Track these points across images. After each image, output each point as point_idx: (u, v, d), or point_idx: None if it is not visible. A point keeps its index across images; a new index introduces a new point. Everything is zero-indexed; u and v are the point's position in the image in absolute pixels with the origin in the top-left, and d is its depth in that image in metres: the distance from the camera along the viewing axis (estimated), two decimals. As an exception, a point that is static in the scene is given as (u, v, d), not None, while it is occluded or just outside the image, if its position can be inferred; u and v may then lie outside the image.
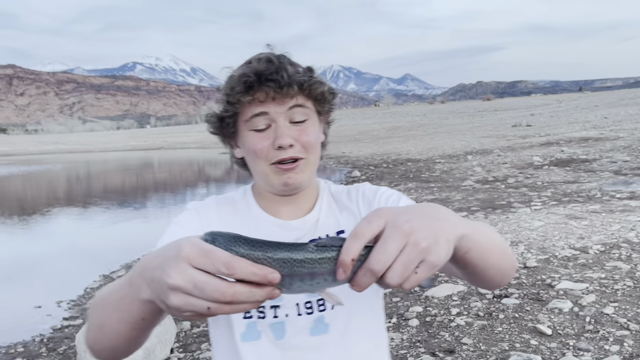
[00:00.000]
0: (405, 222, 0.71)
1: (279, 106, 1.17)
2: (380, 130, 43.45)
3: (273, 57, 1.17)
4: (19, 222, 11.99)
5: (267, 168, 1.20)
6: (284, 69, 1.15)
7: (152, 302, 0.75)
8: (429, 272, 0.71)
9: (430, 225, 0.73)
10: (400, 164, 17.52)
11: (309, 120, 1.21)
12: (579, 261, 4.84)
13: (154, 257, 0.75)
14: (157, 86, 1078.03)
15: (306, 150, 1.20)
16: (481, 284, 0.99)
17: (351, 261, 0.70)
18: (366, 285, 0.71)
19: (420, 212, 0.75)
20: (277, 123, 1.17)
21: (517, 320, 3.74)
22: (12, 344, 4.76)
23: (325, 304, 1.21)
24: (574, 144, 16.30)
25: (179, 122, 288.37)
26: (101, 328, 0.89)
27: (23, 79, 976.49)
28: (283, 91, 1.14)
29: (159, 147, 54.24)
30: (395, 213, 0.74)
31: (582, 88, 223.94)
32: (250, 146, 1.20)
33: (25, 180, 24.79)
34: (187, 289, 0.67)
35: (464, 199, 9.02)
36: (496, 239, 0.94)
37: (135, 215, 12.36)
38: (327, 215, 1.31)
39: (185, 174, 24.56)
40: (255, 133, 1.19)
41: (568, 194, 8.35)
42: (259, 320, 1.20)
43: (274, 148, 1.17)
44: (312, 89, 1.19)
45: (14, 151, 62.97)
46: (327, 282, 0.72)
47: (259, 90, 1.15)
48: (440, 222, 0.75)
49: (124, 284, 0.83)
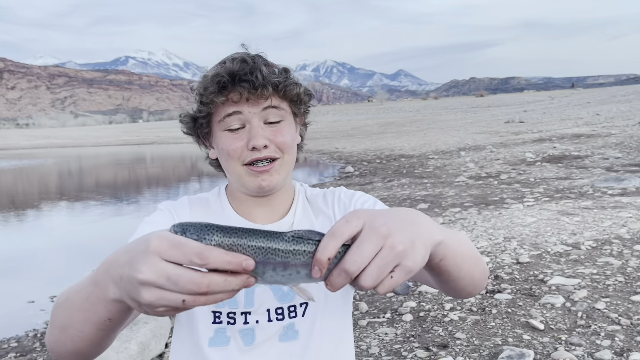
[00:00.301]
0: (383, 225, 0.71)
1: (253, 107, 1.15)
2: (373, 126, 43.48)
3: (248, 57, 1.16)
4: (11, 216, 11.91)
5: (241, 169, 1.18)
6: (259, 69, 1.13)
7: (120, 301, 0.73)
8: (404, 276, 0.71)
9: (407, 229, 0.72)
10: (394, 159, 17.56)
11: (284, 122, 1.20)
12: (571, 257, 4.89)
13: (121, 254, 0.73)
14: (150, 80, 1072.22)
15: (281, 151, 1.19)
16: (452, 292, 0.98)
17: (327, 260, 0.68)
18: (340, 286, 0.70)
19: (399, 216, 0.75)
20: (251, 123, 1.16)
21: (509, 315, 3.77)
22: (5, 339, 4.75)
23: (297, 310, 1.21)
24: (566, 140, 16.40)
25: (172, 117, 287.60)
26: (64, 330, 0.86)
27: (14, 72, 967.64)
28: (257, 92, 1.13)
29: (152, 141, 54.00)
30: (374, 215, 0.73)
31: (575, 85, 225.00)
32: (223, 146, 1.18)
33: (16, 174, 24.61)
34: (159, 283, 0.65)
35: (457, 195, 9.06)
36: (470, 249, 0.94)
37: (128, 210, 12.32)
38: (301, 218, 1.29)
39: (178, 169, 24.48)
40: (228, 133, 1.17)
41: (560, 190, 8.41)
42: (228, 326, 1.18)
43: (248, 149, 1.16)
44: (287, 90, 1.17)
45: (5, 145, 62.45)
46: (300, 275, 0.70)
47: (233, 90, 1.13)
48: (418, 227, 0.75)
49: (88, 283, 0.80)
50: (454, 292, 0.98)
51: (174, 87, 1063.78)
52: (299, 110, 1.25)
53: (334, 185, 12.72)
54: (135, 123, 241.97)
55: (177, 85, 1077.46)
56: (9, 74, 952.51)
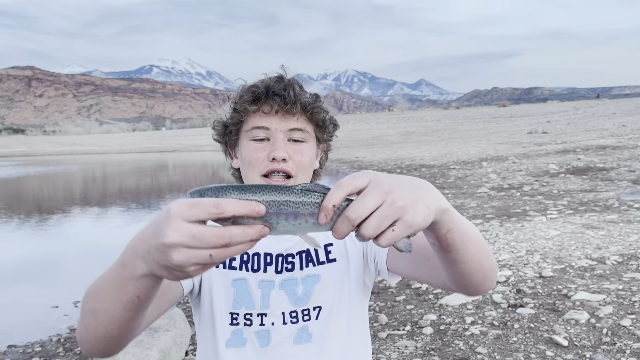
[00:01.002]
0: (387, 183, 0.76)
1: (280, 122, 1.24)
2: (394, 135, 43.36)
3: (284, 77, 1.27)
4: (37, 222, 12.16)
5: (259, 180, 1.25)
6: (292, 87, 1.24)
7: (149, 275, 0.79)
8: (405, 231, 0.76)
9: (411, 190, 0.78)
10: (414, 169, 17.46)
11: (306, 143, 1.28)
12: (596, 272, 4.79)
13: (145, 231, 0.79)
14: (173, 89, 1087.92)
15: (297, 169, 1.25)
16: (460, 278, 0.98)
17: (332, 207, 0.75)
18: (344, 233, 0.76)
19: (405, 179, 0.81)
20: (276, 137, 1.24)
21: (532, 330, 3.71)
22: (29, 343, 4.83)
23: (310, 314, 1.25)
24: (591, 152, 16.12)
25: (194, 125, 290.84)
26: (94, 314, 0.91)
27: (42, 80, 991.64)
28: (287, 107, 1.22)
29: (174, 149, 54.68)
30: (380, 175, 0.78)
31: (600, 95, 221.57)
32: (246, 155, 1.26)
33: (42, 180, 25.14)
34: (185, 242, 0.70)
35: (478, 206, 8.97)
36: (478, 234, 0.97)
37: (150, 216, 12.46)
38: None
39: (199, 176, 24.72)
40: (253, 143, 1.26)
41: (585, 203, 8.26)
42: (245, 328, 1.24)
43: (268, 159, 1.23)
44: (314, 112, 1.26)
45: (32, 152, 63.89)
46: (309, 224, 0.77)
47: (265, 102, 1.23)
48: (423, 191, 0.80)
49: (115, 267, 0.86)
50: (463, 277, 0.98)
51: (197, 96, 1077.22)
52: (323, 135, 1.33)
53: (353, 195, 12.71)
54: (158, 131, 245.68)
55: (199, 94, 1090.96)
56: (37, 82, 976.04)
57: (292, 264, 1.28)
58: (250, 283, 1.25)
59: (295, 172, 1.25)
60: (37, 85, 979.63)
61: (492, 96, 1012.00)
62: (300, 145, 1.27)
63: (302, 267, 1.28)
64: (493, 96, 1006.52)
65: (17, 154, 60.67)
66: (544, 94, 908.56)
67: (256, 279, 1.26)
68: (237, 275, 1.26)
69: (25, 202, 16.99)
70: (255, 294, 1.25)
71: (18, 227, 11.54)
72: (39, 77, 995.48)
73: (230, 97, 1.30)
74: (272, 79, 1.25)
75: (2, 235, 10.73)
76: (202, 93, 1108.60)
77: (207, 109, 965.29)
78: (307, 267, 1.28)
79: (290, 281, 1.27)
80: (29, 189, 21.39)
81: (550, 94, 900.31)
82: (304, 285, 1.26)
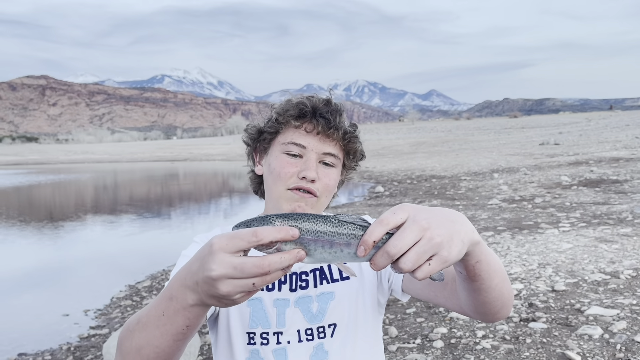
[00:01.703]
0: (425, 219, 0.80)
1: (318, 144, 1.27)
2: (404, 146, 43.30)
3: (332, 101, 1.30)
4: (49, 230, 12.26)
5: (284, 192, 1.27)
6: (339, 113, 1.28)
7: (198, 305, 0.85)
8: (440, 265, 0.80)
9: (447, 225, 0.82)
10: (425, 180, 17.41)
11: (335, 168, 1.31)
12: (609, 286, 4.73)
13: (191, 265, 0.84)
14: (185, 98, 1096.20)
15: (323, 191, 1.28)
16: (482, 306, 1.03)
17: (372, 242, 0.79)
18: (382, 265, 0.80)
19: (441, 214, 0.84)
20: (309, 157, 1.27)
21: (545, 345, 3.66)
22: (39, 351, 4.85)
23: (325, 331, 1.26)
24: (604, 164, 15.98)
25: (205, 134, 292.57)
26: (139, 350, 0.93)
27: (56, 89, 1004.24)
28: (329, 131, 1.26)
29: (185, 158, 54.98)
30: (418, 210, 0.83)
31: (613, 106, 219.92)
32: (276, 167, 1.28)
33: (55, 188, 25.37)
34: (229, 274, 0.76)
35: (490, 218, 8.91)
36: (501, 265, 1.02)
37: (161, 225, 12.53)
38: None
39: (210, 186, 24.82)
40: (286, 157, 1.27)
41: (598, 216, 8.17)
42: (262, 347, 1.25)
43: (298, 177, 1.26)
44: (351, 141, 1.31)
45: (45, 160, 64.58)
46: (344, 254, 0.82)
47: (309, 121, 1.27)
48: (458, 225, 0.84)
49: (160, 301, 0.90)
50: (483, 305, 1.03)
51: (208, 105, 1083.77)
52: (350, 164, 1.37)
53: (363, 205, 12.67)
54: (169, 140, 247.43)
55: (210, 104, 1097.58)
56: (50, 91, 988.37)
57: (307, 282, 1.29)
58: (266, 302, 1.26)
59: (320, 193, 1.28)
60: (50, 94, 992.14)
61: (504, 107, 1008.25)
62: (330, 170, 1.30)
63: (316, 284, 1.29)
64: (504, 107, 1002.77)
65: (29, 162, 61.34)
66: (555, 105, 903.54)
67: (271, 297, 1.27)
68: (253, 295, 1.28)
69: (38, 210, 17.14)
70: (270, 313, 1.26)
71: (29, 235, 11.64)
72: (53, 86, 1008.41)
73: (274, 106, 1.32)
74: (320, 101, 1.28)
75: (14, 243, 10.82)
76: (213, 102, 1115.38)
77: (218, 119, 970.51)
78: (322, 284, 1.29)
79: (305, 299, 1.27)
80: (41, 197, 21.59)
81: (562, 105, 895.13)
82: (319, 302, 1.27)
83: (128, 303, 6.18)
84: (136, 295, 6.46)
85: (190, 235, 1.35)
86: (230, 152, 59.69)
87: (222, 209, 15.86)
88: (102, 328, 5.40)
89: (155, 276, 7.33)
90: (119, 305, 6.17)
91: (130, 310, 5.91)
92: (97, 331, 5.32)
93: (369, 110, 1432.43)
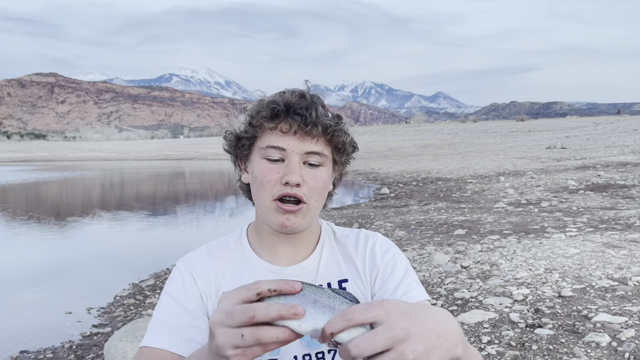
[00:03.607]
0: (403, 329, 0.71)
1: (298, 143, 1.15)
2: (410, 148, 43.22)
3: (307, 94, 1.16)
4: (54, 227, 12.29)
5: (270, 203, 1.17)
6: (315, 107, 1.14)
7: None
8: None
9: (428, 340, 0.72)
10: (430, 182, 17.34)
11: (322, 167, 1.19)
12: (617, 293, 4.66)
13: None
14: (192, 97, 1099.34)
15: (311, 195, 1.17)
16: None
17: (330, 334, 0.71)
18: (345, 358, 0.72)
19: (427, 324, 0.73)
20: (291, 160, 1.15)
21: (551, 352, 3.60)
22: (41, 349, 4.84)
23: (325, 357, 1.19)
24: (611, 168, 15.85)
25: (212, 134, 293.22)
26: None
27: (64, 87, 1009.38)
28: (307, 128, 1.13)
29: (192, 157, 55.14)
30: (400, 313, 0.73)
31: (621, 111, 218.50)
32: (258, 175, 1.17)
33: (61, 185, 25.48)
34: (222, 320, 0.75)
35: (495, 222, 8.84)
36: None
37: (166, 224, 12.53)
38: (328, 261, 1.28)
39: (215, 185, 24.85)
40: (267, 163, 1.17)
41: (605, 221, 8.09)
42: None
43: (281, 183, 1.15)
44: (335, 135, 1.17)
45: (52, 157, 64.97)
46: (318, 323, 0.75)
47: (284, 120, 1.14)
48: (441, 340, 0.74)
49: None
50: None
51: (215, 105, 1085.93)
52: (341, 159, 1.24)
53: (369, 207, 12.62)
54: (176, 138, 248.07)
55: (217, 103, 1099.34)
56: (59, 89, 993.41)
57: None
58: None
59: (307, 198, 1.16)
60: (59, 92, 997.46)
61: (510, 110, 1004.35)
62: (316, 170, 1.17)
63: None
64: (511, 110, 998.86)
65: (37, 159, 61.69)
66: (563, 109, 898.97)
67: None
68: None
69: (43, 207, 17.21)
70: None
71: (35, 231, 11.67)
72: (62, 83, 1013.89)
73: (247, 109, 1.20)
74: (293, 95, 1.15)
75: (18, 239, 10.85)
76: (220, 102, 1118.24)
77: (225, 118, 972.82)
78: None
79: None
80: (47, 194, 21.68)
81: (570, 109, 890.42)
82: None
83: (131, 302, 6.16)
84: (140, 294, 6.44)
85: (195, 235, 1.29)
86: (236, 151, 59.48)
87: (228, 209, 15.86)
88: (105, 327, 5.39)
89: (159, 275, 7.32)
90: (122, 303, 6.16)
91: (133, 309, 5.90)
92: (100, 329, 5.30)
93: (376, 111, 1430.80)
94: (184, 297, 1.19)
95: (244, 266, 1.26)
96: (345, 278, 1.25)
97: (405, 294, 1.18)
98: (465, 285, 5.31)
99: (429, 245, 7.40)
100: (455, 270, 5.92)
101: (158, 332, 1.14)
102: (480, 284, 5.30)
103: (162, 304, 1.19)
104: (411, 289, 1.19)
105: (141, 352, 1.13)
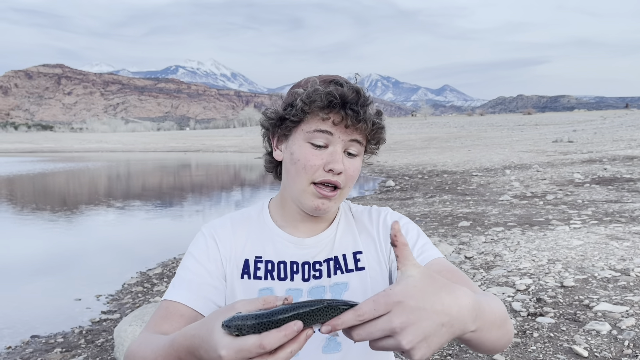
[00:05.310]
0: (400, 323, 0.74)
1: (344, 133, 1.20)
2: (416, 141, 43.15)
3: (362, 90, 1.21)
4: (63, 216, 12.42)
5: (307, 187, 1.22)
6: (368, 105, 1.20)
7: None
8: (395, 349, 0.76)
9: (426, 330, 0.75)
10: (436, 175, 17.35)
11: (358, 157, 1.26)
12: (619, 283, 4.70)
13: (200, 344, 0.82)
14: (198, 89, 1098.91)
15: (347, 182, 1.23)
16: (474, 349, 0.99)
17: (340, 329, 0.76)
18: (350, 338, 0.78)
19: (428, 314, 0.76)
20: (336, 148, 1.21)
21: (552, 340, 3.66)
22: (52, 334, 4.94)
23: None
24: (617, 162, 15.81)
25: (218, 126, 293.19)
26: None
27: (71, 78, 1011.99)
28: (358, 125, 1.18)
29: (197, 149, 55.27)
30: (403, 308, 0.75)
31: (629, 105, 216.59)
32: (301, 157, 1.21)
33: (68, 176, 25.66)
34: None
35: (500, 214, 8.87)
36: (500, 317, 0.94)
37: (172, 214, 12.64)
38: (344, 234, 1.34)
39: (221, 177, 24.95)
40: (311, 148, 1.21)
41: (610, 214, 8.11)
42: None
43: (324, 169, 1.20)
44: (377, 132, 1.24)
45: (59, 148, 65.29)
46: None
47: (338, 113, 1.18)
48: (444, 329, 0.77)
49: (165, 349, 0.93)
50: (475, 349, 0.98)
51: (221, 97, 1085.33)
52: (372, 150, 1.31)
53: (374, 199, 12.67)
54: (182, 130, 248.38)
55: (223, 95, 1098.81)
56: (66, 80, 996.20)
57: (320, 272, 1.27)
58: (277, 292, 1.24)
59: (344, 184, 1.23)
60: (66, 83, 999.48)
61: (517, 104, 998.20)
62: (354, 160, 1.24)
63: (329, 274, 1.27)
64: (518, 104, 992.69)
65: (45, 150, 62.05)
66: (570, 103, 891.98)
67: (283, 287, 1.25)
68: (263, 285, 1.26)
69: (52, 197, 17.36)
70: None
71: (44, 220, 11.81)
72: (68, 75, 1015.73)
73: (298, 93, 1.21)
74: (349, 90, 1.18)
75: (29, 228, 10.99)
76: (226, 94, 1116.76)
77: (231, 110, 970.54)
78: (335, 274, 1.27)
79: (318, 289, 1.26)
80: (55, 184, 21.86)
81: (578, 103, 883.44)
82: (332, 293, 1.25)
83: (139, 289, 6.26)
84: (147, 282, 6.54)
85: (201, 224, 1.33)
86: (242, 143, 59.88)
87: (233, 199, 15.95)
88: (114, 313, 5.49)
89: (166, 264, 7.42)
90: (130, 291, 6.26)
91: (141, 296, 6.00)
92: (109, 316, 5.40)
93: (382, 104, 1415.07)
94: (205, 258, 1.26)
95: (264, 235, 1.32)
96: (360, 250, 1.30)
97: (420, 254, 1.23)
98: (468, 275, 5.36)
99: (433, 236, 7.45)
100: (459, 260, 5.98)
101: (178, 287, 1.21)
102: (483, 274, 5.36)
103: (185, 264, 1.26)
104: (425, 250, 1.24)
105: (161, 305, 1.20)
